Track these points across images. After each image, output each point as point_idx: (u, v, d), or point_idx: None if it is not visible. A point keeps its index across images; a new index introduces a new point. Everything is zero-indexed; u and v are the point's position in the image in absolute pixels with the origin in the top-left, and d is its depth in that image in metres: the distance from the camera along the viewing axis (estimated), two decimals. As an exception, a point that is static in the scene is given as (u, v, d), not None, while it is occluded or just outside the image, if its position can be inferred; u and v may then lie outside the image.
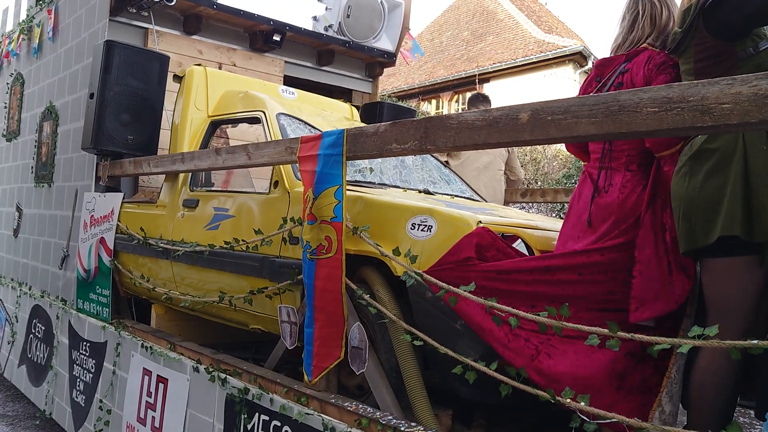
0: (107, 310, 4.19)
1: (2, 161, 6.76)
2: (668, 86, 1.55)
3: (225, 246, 3.11)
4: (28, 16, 6.31)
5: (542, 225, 2.61)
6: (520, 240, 2.39)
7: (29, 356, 5.43)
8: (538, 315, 1.90)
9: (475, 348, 2.17)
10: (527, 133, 1.83)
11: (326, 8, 5.61)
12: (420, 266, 2.28)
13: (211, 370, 3.11)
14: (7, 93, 6.68)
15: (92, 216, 4.39)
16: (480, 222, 2.29)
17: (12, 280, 6.11)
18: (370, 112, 5.51)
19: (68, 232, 4.89)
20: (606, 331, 1.74)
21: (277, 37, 5.17)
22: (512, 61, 17.03)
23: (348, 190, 2.56)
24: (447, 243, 2.31)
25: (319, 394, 2.57)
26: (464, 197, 3.73)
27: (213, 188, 3.90)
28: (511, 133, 1.87)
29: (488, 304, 2.00)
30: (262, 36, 5.20)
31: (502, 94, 16.68)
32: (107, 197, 4.26)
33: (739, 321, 2.00)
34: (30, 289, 5.61)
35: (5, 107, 6.68)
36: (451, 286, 2.11)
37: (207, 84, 4.03)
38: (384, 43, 5.82)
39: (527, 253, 2.38)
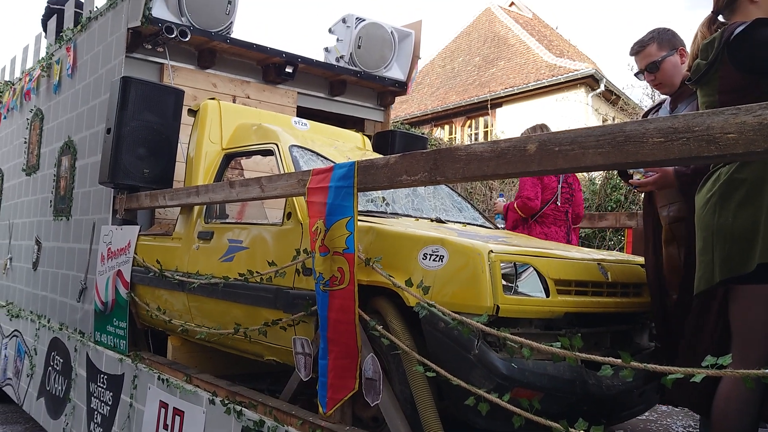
0: (124, 342, 4.22)
1: (22, 195, 6.88)
2: (673, 117, 1.56)
3: (239, 278, 3.14)
4: (47, 53, 6.47)
5: (554, 252, 2.61)
6: (532, 268, 2.39)
7: (48, 389, 5.46)
8: (552, 346, 1.89)
9: (488, 379, 2.16)
10: (535, 164, 1.85)
11: (337, 40, 5.70)
12: (432, 297, 2.29)
13: (226, 402, 3.12)
14: (26, 128, 6.82)
15: (109, 249, 4.44)
16: (491, 251, 2.30)
17: (31, 312, 6.18)
18: (382, 140, 5.57)
19: (86, 265, 4.95)
20: (620, 361, 1.73)
21: (289, 69, 5.25)
22: (524, 86, 17.10)
23: (360, 220, 2.58)
24: (459, 273, 2.32)
25: (334, 426, 2.57)
26: (476, 224, 3.74)
27: (227, 220, 3.94)
28: (520, 164, 1.89)
29: (501, 335, 2.00)
30: (274, 68, 5.28)
31: (515, 118, 16.73)
32: (124, 230, 4.31)
33: (764, 348, 2.00)
34: (48, 321, 5.67)
35: (25, 142, 6.81)
36: (463, 317, 2.11)
37: (221, 117, 4.10)
38: (395, 72, 5.89)
39: (539, 282, 2.38)
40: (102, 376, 4.48)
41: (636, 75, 2.91)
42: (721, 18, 2.22)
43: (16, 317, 6.54)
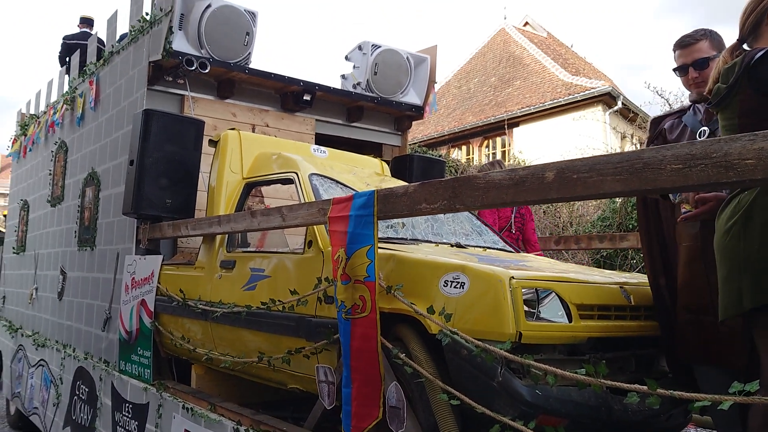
0: (149, 371, 4.25)
1: (47, 226, 6.99)
2: (691, 143, 1.57)
3: (262, 306, 3.16)
4: (71, 87, 6.62)
5: (576, 277, 2.61)
6: (554, 294, 2.38)
7: (73, 418, 5.51)
8: (576, 372, 1.89)
9: (513, 406, 2.16)
10: (554, 192, 1.86)
11: (354, 66, 5.77)
12: (454, 324, 2.29)
13: (251, 431, 3.13)
14: (51, 160, 6.96)
15: (133, 278, 4.50)
16: (512, 278, 2.30)
17: (57, 342, 6.25)
18: (401, 165, 5.60)
19: (110, 295, 5.01)
20: (645, 387, 1.72)
21: (307, 97, 5.32)
22: (541, 105, 17.12)
23: (380, 247, 2.60)
24: (480, 299, 2.32)
25: (359, 454, 2.56)
26: (497, 248, 3.74)
27: (249, 249, 3.98)
28: (538, 192, 1.91)
29: (525, 362, 2.00)
30: (292, 96, 5.35)
31: (532, 137, 16.74)
32: (147, 260, 4.37)
33: None
34: (74, 351, 5.73)
35: (50, 174, 6.95)
36: (486, 345, 2.12)
37: (241, 147, 4.16)
38: (411, 97, 5.94)
39: (561, 307, 2.37)
40: (127, 405, 4.52)
41: (675, 70, 2.75)
42: (745, 46, 2.23)
43: (42, 347, 6.62)
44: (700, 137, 2.54)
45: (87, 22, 7.50)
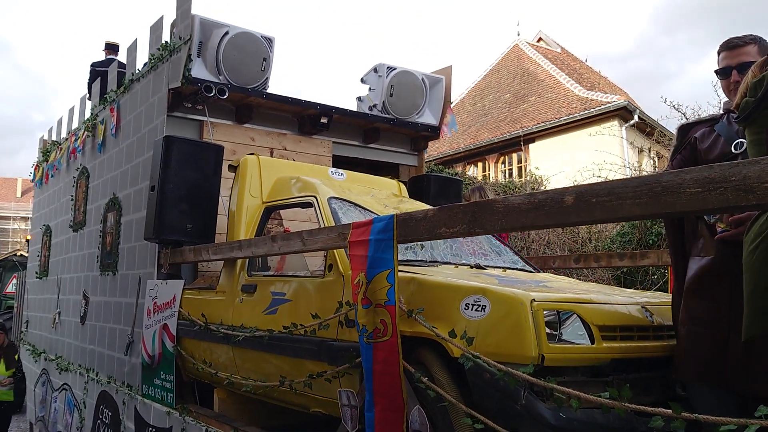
0: (171, 395, 4.28)
1: (69, 251, 7.09)
2: (709, 167, 1.58)
3: (283, 330, 3.19)
4: (92, 114, 6.74)
5: (598, 298, 2.60)
6: (575, 315, 2.38)
7: (97, 442, 5.55)
8: (600, 396, 1.88)
9: (537, 429, 2.15)
10: (573, 216, 1.87)
11: (369, 89, 5.83)
12: (476, 347, 2.30)
13: (274, 455, 3.14)
14: (73, 186, 7.07)
15: (155, 302, 4.55)
16: (534, 300, 2.31)
17: (80, 366, 6.31)
18: (418, 184, 5.63)
19: (132, 319, 5.07)
20: (670, 411, 1.72)
21: (324, 120, 5.38)
22: (556, 120, 17.08)
23: (400, 270, 2.61)
24: (502, 322, 2.33)
25: (383, 479, 2.56)
26: (516, 269, 3.74)
27: (270, 272, 4.01)
28: (557, 216, 1.92)
29: (548, 385, 2.00)
30: (309, 120, 5.42)
31: (549, 153, 16.70)
32: (169, 284, 4.41)
33: None
34: (97, 375, 5.78)
35: (72, 199, 7.06)
36: (509, 368, 2.12)
37: (260, 171, 4.21)
38: (427, 117, 5.98)
39: (584, 329, 2.37)
40: (150, 429, 4.55)
41: (718, 71, 2.62)
42: None
43: (65, 371, 6.69)
44: (735, 149, 2.47)
45: (112, 48, 7.66)
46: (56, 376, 7.02)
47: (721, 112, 2.67)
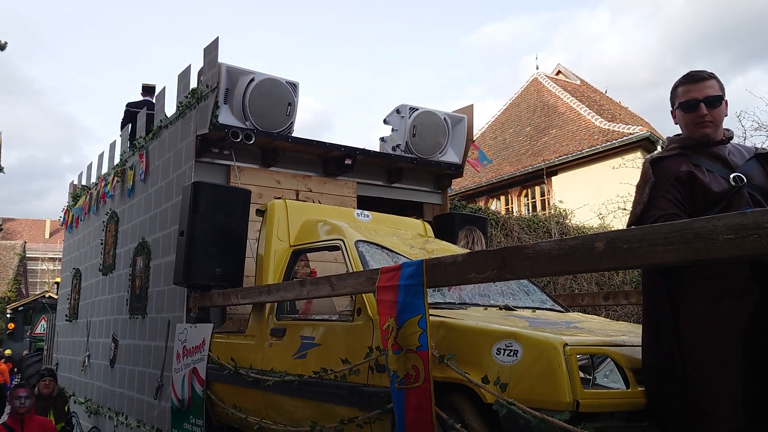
0: (201, 440, 4.28)
1: (99, 294, 7.19)
2: (741, 213, 1.58)
3: (314, 376, 3.19)
4: (121, 159, 6.89)
5: (631, 341, 2.57)
6: (609, 360, 2.36)
7: (127, 487, 5.54)
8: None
9: (574, 478, 2.12)
10: (605, 262, 1.88)
11: (392, 129, 5.90)
12: (509, 392, 2.28)
13: (306, 502, 3.11)
14: (103, 230, 7.20)
15: (184, 346, 4.58)
16: (566, 344, 2.29)
17: (109, 409, 6.34)
18: (443, 223, 5.64)
19: (162, 362, 5.10)
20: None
21: (348, 162, 5.45)
22: (578, 153, 17.04)
23: (429, 314, 2.61)
24: (534, 367, 2.31)
25: None
26: (545, 308, 3.71)
27: (298, 316, 4.03)
28: (588, 262, 1.92)
29: (584, 433, 1.98)
30: (334, 161, 5.49)
31: (572, 185, 16.63)
32: (198, 328, 4.45)
33: None
34: (126, 418, 5.80)
35: (101, 243, 7.18)
36: (544, 415, 2.10)
37: (287, 215, 4.26)
38: (450, 156, 6.03)
39: (618, 373, 2.34)
40: (180, 474, 4.53)
41: (683, 103, 2.45)
42: None
43: (94, 414, 6.72)
44: (734, 182, 2.35)
45: (149, 90, 7.86)
46: (85, 420, 7.05)
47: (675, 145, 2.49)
